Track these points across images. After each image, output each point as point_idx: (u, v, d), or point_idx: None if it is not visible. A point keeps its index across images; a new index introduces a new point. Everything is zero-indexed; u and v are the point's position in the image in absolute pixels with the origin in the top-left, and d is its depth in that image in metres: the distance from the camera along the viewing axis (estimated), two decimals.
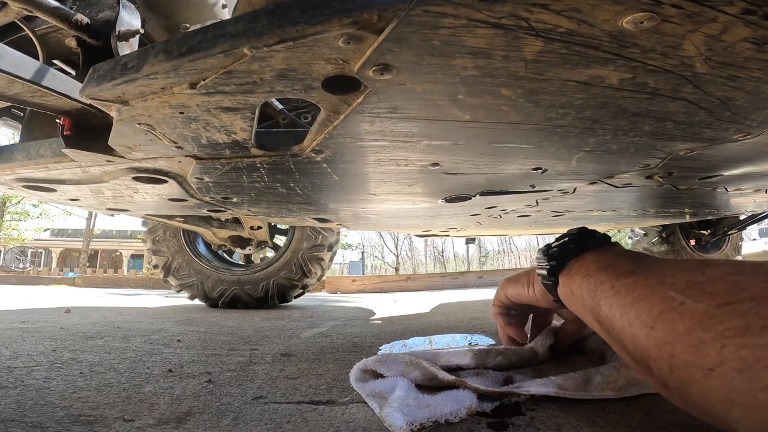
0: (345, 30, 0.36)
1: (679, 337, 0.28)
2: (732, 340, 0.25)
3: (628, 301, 0.33)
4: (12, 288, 4.66)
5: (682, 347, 0.27)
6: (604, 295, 0.36)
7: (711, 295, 0.27)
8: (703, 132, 0.61)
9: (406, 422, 0.39)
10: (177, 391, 0.57)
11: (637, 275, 0.35)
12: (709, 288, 0.28)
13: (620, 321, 0.33)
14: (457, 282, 5.18)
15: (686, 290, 0.29)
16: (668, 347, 0.28)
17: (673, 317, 0.28)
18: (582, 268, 0.42)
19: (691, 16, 0.34)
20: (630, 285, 0.34)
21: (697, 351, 0.26)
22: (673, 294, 0.30)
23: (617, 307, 0.34)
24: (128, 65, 0.46)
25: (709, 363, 0.25)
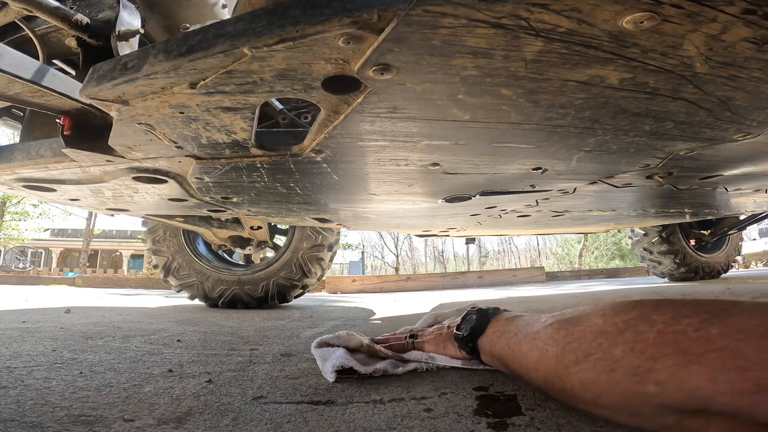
0: (345, 30, 0.36)
1: (551, 372, 0.43)
2: (572, 368, 0.40)
3: (521, 355, 0.49)
4: (12, 288, 4.66)
5: (554, 379, 0.43)
6: (506, 354, 0.52)
7: (557, 341, 0.43)
8: (703, 132, 0.61)
9: (333, 369, 0.60)
10: (177, 391, 0.57)
11: (519, 336, 0.50)
12: (556, 336, 0.44)
13: (520, 366, 0.49)
14: (457, 282, 5.18)
15: (546, 341, 0.45)
16: (549, 380, 0.44)
17: (544, 361, 0.44)
18: (487, 341, 0.58)
19: (691, 15, 0.34)
20: (517, 344, 0.50)
21: (560, 379, 0.42)
22: (541, 345, 0.46)
23: (516, 360, 0.50)
24: (128, 65, 0.46)
25: (568, 385, 0.41)
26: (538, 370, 0.45)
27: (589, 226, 1.91)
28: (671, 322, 0.35)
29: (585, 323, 0.42)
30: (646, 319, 0.37)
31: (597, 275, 6.18)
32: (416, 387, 0.57)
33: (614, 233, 14.61)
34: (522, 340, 0.49)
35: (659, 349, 0.34)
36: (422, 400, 0.51)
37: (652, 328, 0.36)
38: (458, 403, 0.49)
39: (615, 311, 0.41)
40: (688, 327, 0.34)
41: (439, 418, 0.45)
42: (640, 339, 0.36)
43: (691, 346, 0.33)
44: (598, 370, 0.38)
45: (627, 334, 0.37)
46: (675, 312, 0.36)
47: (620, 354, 0.36)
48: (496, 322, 0.58)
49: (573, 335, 0.42)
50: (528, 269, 6.53)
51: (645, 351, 0.35)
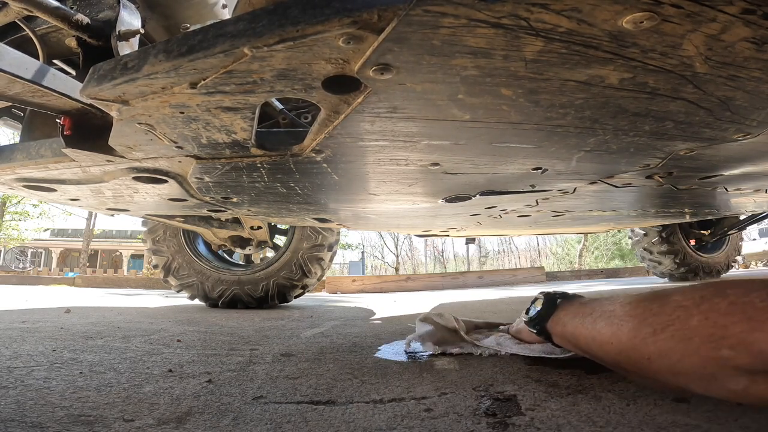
0: (345, 30, 0.36)
1: (627, 344, 0.47)
2: (649, 339, 0.44)
3: (595, 332, 0.53)
4: (12, 288, 4.66)
5: (630, 350, 0.46)
6: (579, 333, 0.56)
7: (635, 316, 0.47)
8: (703, 132, 0.61)
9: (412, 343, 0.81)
10: (177, 391, 0.57)
11: (595, 314, 0.54)
12: (632, 312, 0.48)
13: (594, 344, 0.53)
14: (457, 282, 5.18)
15: (622, 317, 0.49)
16: (624, 353, 0.47)
17: (619, 334, 0.48)
18: (558, 323, 0.62)
19: (691, 15, 0.34)
20: (593, 321, 0.54)
21: (637, 350, 0.45)
22: (616, 320, 0.49)
23: (589, 336, 0.54)
24: (129, 65, 0.46)
25: (646, 355, 0.44)
26: (611, 344, 0.49)
27: (589, 226, 1.91)
28: (742, 295, 0.39)
29: (663, 300, 0.45)
30: (721, 293, 0.40)
31: (597, 275, 6.18)
32: (416, 387, 0.57)
33: (614, 233, 14.61)
34: (597, 318, 0.53)
35: (730, 317, 0.38)
36: (422, 400, 0.51)
37: (725, 300, 0.39)
38: (458, 403, 0.49)
39: (693, 288, 0.44)
40: (755, 298, 0.37)
41: (439, 418, 0.45)
42: (714, 309, 0.39)
43: (756, 314, 0.36)
44: (675, 339, 0.41)
45: (703, 306, 0.40)
46: (747, 286, 0.40)
47: (696, 324, 0.40)
48: (569, 305, 0.63)
49: (650, 311, 0.45)
50: (528, 269, 6.53)
51: (718, 320, 0.38)
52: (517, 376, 0.60)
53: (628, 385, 0.54)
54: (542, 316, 0.66)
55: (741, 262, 6.76)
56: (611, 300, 0.54)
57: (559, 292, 0.68)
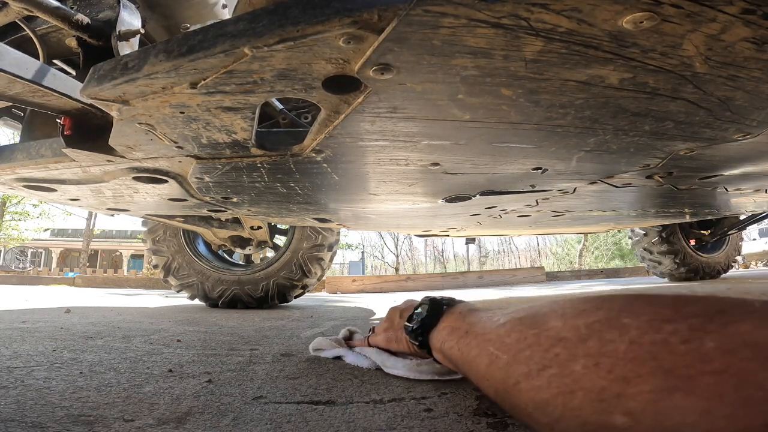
0: (345, 30, 0.36)
1: (500, 385, 0.35)
2: (523, 384, 0.32)
3: (470, 359, 0.42)
4: (12, 288, 4.66)
5: (504, 394, 0.35)
6: (455, 355, 0.46)
7: (508, 347, 0.35)
8: (703, 132, 0.61)
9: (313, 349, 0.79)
10: (177, 391, 0.57)
11: (470, 336, 0.44)
12: (507, 340, 0.36)
13: (470, 372, 0.42)
14: (457, 282, 5.18)
15: (498, 345, 0.37)
16: (499, 395, 0.36)
17: (493, 370, 0.36)
18: (438, 337, 0.52)
19: (691, 15, 0.34)
20: (466, 346, 0.43)
21: (511, 395, 0.33)
22: (492, 350, 0.37)
23: (465, 363, 0.43)
24: (129, 65, 0.46)
25: (521, 404, 0.32)
26: (488, 380, 0.38)
27: (589, 226, 1.91)
28: (649, 329, 0.27)
29: (541, 325, 0.34)
30: (615, 324, 0.29)
31: (597, 275, 6.18)
32: (416, 387, 0.57)
33: (614, 233, 14.62)
34: (472, 341, 0.42)
35: (632, 366, 0.26)
36: (422, 400, 0.51)
37: (622, 336, 0.27)
38: (458, 403, 0.49)
39: (576, 311, 0.32)
40: (671, 336, 0.25)
41: (439, 418, 0.45)
42: (607, 351, 0.27)
43: (676, 364, 0.24)
44: (553, 390, 0.29)
45: (590, 344, 0.29)
46: (653, 314, 0.28)
47: (581, 370, 0.28)
48: (449, 315, 0.51)
49: (526, 340, 0.34)
50: (528, 269, 6.53)
51: (613, 369, 0.26)
52: None
53: None
54: (424, 325, 0.54)
55: (741, 262, 6.77)
56: (491, 316, 0.42)
57: (446, 298, 0.57)
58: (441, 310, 0.54)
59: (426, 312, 0.55)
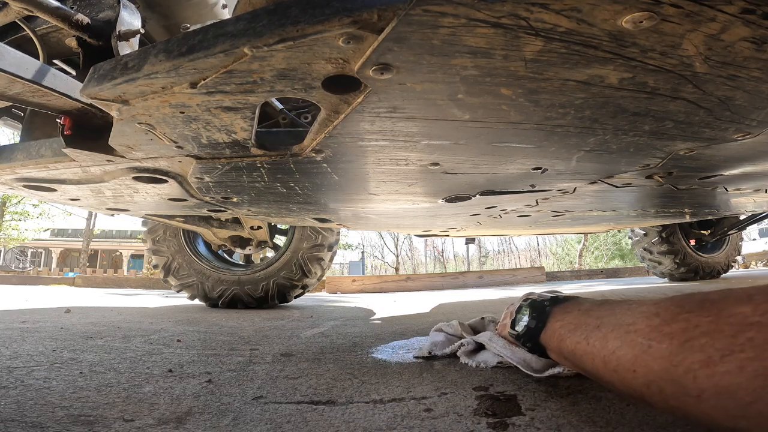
0: (345, 29, 0.36)
1: (659, 375, 0.33)
2: (700, 371, 0.30)
3: (607, 352, 0.39)
4: (12, 288, 4.66)
5: (665, 383, 0.33)
6: (582, 352, 0.43)
7: (670, 336, 0.33)
8: (702, 131, 0.61)
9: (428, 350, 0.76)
10: (177, 391, 0.57)
11: (604, 329, 0.41)
12: (666, 329, 0.34)
13: (605, 370, 0.39)
14: (457, 282, 5.18)
15: (649, 334, 0.35)
16: (654, 385, 0.34)
17: (647, 360, 0.34)
18: (553, 336, 0.50)
19: (690, 15, 0.34)
20: (602, 338, 0.40)
21: (678, 384, 0.32)
22: (641, 340, 0.35)
23: (599, 358, 0.40)
24: (129, 65, 0.46)
25: (693, 392, 0.31)
26: (635, 372, 0.36)
27: (589, 226, 1.91)
28: None
29: (717, 311, 0.32)
30: None
31: (597, 275, 6.18)
32: (416, 387, 0.57)
33: (614, 233, 14.62)
34: (609, 334, 0.40)
35: None
36: (422, 400, 0.51)
37: None
38: (458, 403, 0.49)
39: (765, 293, 0.31)
40: None
41: (439, 418, 0.45)
42: None
43: None
44: (747, 374, 0.28)
45: None
46: None
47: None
48: (564, 312, 0.50)
49: (699, 328, 0.32)
50: (528, 269, 6.53)
51: None
52: (517, 376, 0.60)
53: None
54: (532, 331, 0.53)
55: (741, 262, 6.76)
56: (627, 307, 0.41)
57: (546, 296, 0.56)
58: (545, 312, 0.53)
59: (529, 316, 0.54)
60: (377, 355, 0.80)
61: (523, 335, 0.55)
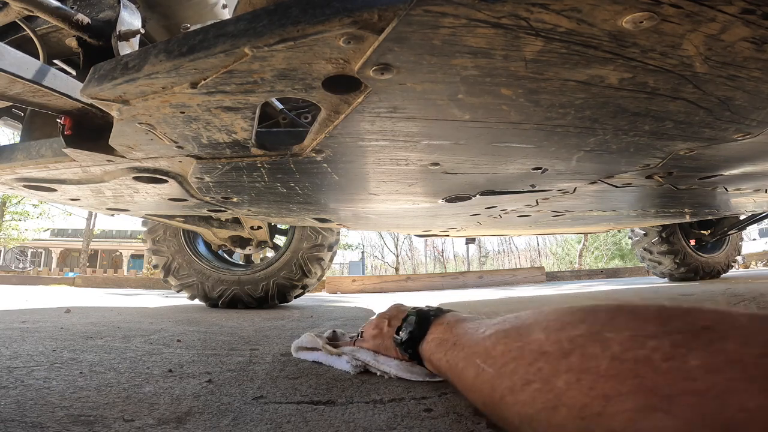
0: (345, 30, 0.36)
1: (487, 398, 0.35)
2: (509, 398, 0.32)
3: (459, 371, 0.42)
4: (12, 288, 4.65)
5: (491, 407, 0.35)
6: (445, 368, 0.47)
7: (494, 360, 0.35)
8: (702, 132, 0.61)
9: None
10: (177, 391, 0.57)
11: (457, 348, 0.44)
12: (493, 353, 0.36)
13: (458, 383, 0.43)
14: (457, 282, 5.18)
15: (483, 356, 0.37)
16: (487, 407, 0.37)
17: (480, 383, 0.37)
18: (426, 348, 0.52)
19: (690, 15, 0.34)
20: (454, 357, 0.44)
21: (497, 409, 0.34)
22: (478, 361, 0.38)
23: (454, 375, 0.44)
24: (129, 65, 0.46)
25: (508, 417, 0.32)
26: (474, 393, 0.38)
27: (589, 226, 1.91)
28: (631, 345, 0.26)
29: (525, 338, 0.33)
30: (598, 338, 0.28)
31: (597, 275, 6.18)
32: (416, 387, 0.57)
33: (614, 233, 14.62)
34: (459, 353, 0.42)
35: (613, 384, 0.25)
36: (422, 400, 0.51)
37: (604, 351, 0.27)
38: (458, 403, 0.49)
39: (560, 324, 0.32)
40: (654, 353, 0.25)
41: (439, 418, 0.45)
42: (589, 367, 0.27)
43: (658, 382, 0.23)
44: (538, 405, 0.29)
45: (573, 359, 0.28)
46: (636, 328, 0.27)
47: (563, 386, 0.28)
48: (437, 326, 0.52)
49: (510, 353, 0.34)
50: (528, 269, 6.53)
51: (594, 385, 0.26)
52: None
53: None
54: (413, 338, 0.54)
55: (741, 262, 6.77)
56: (478, 326, 0.42)
57: (434, 309, 0.57)
58: (428, 321, 0.54)
59: (414, 324, 0.55)
60: None
61: (404, 342, 0.56)
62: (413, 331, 0.55)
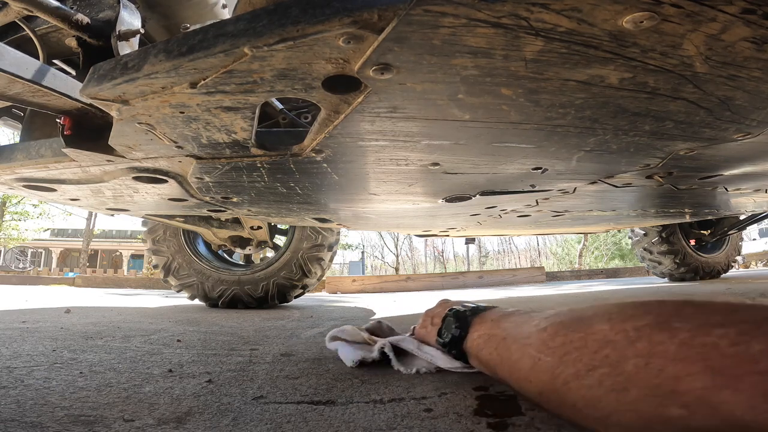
0: (345, 29, 0.36)
1: (546, 385, 0.38)
2: (573, 383, 0.35)
3: (511, 363, 0.44)
4: (12, 288, 4.65)
5: (550, 393, 0.38)
6: (495, 362, 0.48)
7: (554, 350, 0.38)
8: (703, 131, 0.61)
9: (353, 362, 0.69)
10: (177, 391, 0.57)
11: (508, 341, 0.46)
12: (551, 344, 0.38)
13: (511, 375, 0.45)
14: (457, 282, 5.18)
15: (539, 347, 0.40)
16: (544, 395, 0.39)
17: (538, 372, 0.39)
18: (473, 345, 0.54)
19: (691, 15, 0.34)
20: (506, 350, 0.45)
21: (559, 394, 0.36)
22: (533, 353, 0.40)
23: (506, 368, 0.45)
24: (129, 65, 0.46)
25: (569, 401, 0.35)
26: (531, 382, 0.40)
27: (589, 226, 1.91)
28: (699, 332, 0.29)
29: (586, 329, 0.36)
30: (665, 327, 0.31)
31: (597, 275, 6.18)
32: (416, 387, 0.57)
33: (614, 233, 14.62)
34: (512, 346, 0.44)
35: (683, 366, 0.28)
36: (422, 400, 0.51)
37: (672, 338, 0.30)
38: (458, 403, 0.49)
39: (624, 316, 0.34)
40: (721, 340, 0.28)
41: (439, 418, 0.45)
42: (658, 351, 0.30)
43: (725, 364, 0.27)
44: (605, 388, 0.32)
45: (640, 345, 0.31)
46: (703, 318, 0.30)
47: (632, 369, 0.31)
48: (481, 323, 0.54)
49: (572, 343, 0.36)
50: (528, 269, 6.53)
51: (664, 368, 0.29)
52: None
53: None
54: (456, 339, 0.57)
55: (741, 262, 6.77)
56: (527, 320, 0.45)
57: (469, 307, 0.59)
58: (467, 320, 0.57)
59: (453, 326, 0.58)
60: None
61: (449, 343, 0.59)
62: (454, 333, 0.58)
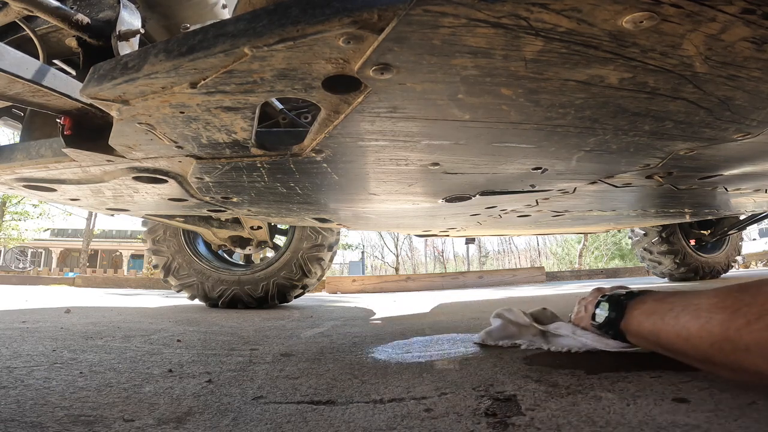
0: (345, 29, 0.36)
1: (719, 336, 0.46)
2: (744, 330, 0.43)
3: (680, 327, 0.52)
4: (12, 288, 4.65)
5: (723, 342, 0.46)
6: (659, 329, 0.56)
7: (724, 308, 0.47)
8: (702, 131, 0.61)
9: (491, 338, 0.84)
10: (177, 391, 0.57)
11: (675, 310, 0.54)
12: (722, 305, 0.47)
13: (678, 339, 0.52)
14: (457, 282, 5.18)
15: (711, 309, 0.48)
16: (716, 345, 0.47)
17: (710, 327, 0.48)
18: (632, 322, 0.62)
19: (691, 15, 0.34)
20: (675, 317, 0.53)
21: (731, 342, 0.45)
22: (705, 314, 0.49)
23: (673, 332, 0.53)
24: (129, 65, 0.46)
25: (742, 346, 0.43)
26: (701, 337, 0.49)
27: (589, 226, 1.91)
28: None
29: (754, 291, 0.46)
30: None
31: (597, 275, 6.18)
32: (416, 387, 0.57)
33: (614, 233, 14.61)
34: (681, 313, 0.53)
35: None
36: (422, 400, 0.51)
37: None
38: (458, 403, 0.49)
39: None
40: None
41: (439, 418, 0.45)
42: None
43: None
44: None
45: None
46: None
47: None
48: (641, 304, 0.62)
49: (743, 301, 0.45)
50: (528, 269, 6.52)
51: None
52: (517, 376, 0.60)
53: (628, 385, 0.54)
54: (613, 320, 0.66)
55: (741, 262, 6.76)
56: (693, 294, 0.54)
57: (623, 292, 0.68)
58: (621, 303, 0.65)
59: (609, 309, 0.67)
60: (377, 355, 0.80)
61: (605, 325, 0.67)
62: (609, 315, 0.66)
